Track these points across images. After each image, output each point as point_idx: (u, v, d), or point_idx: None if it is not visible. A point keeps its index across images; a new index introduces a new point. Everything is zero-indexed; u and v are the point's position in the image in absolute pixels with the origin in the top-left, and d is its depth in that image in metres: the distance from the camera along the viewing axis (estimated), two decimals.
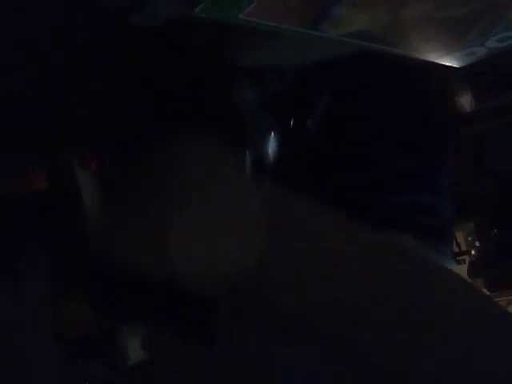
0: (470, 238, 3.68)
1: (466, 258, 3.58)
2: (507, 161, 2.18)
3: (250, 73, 0.76)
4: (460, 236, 3.77)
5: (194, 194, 0.53)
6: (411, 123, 0.72)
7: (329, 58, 0.57)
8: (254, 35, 0.61)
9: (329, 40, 0.55)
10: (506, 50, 0.56)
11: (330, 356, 0.53)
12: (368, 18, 0.44)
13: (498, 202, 2.21)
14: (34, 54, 0.57)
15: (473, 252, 3.50)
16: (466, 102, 2.38)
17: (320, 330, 0.53)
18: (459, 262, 3.67)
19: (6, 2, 0.50)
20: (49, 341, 1.25)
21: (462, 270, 4.22)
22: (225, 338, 0.55)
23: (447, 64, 0.58)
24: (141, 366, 1.17)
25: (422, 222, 0.68)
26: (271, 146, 0.61)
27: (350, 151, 0.69)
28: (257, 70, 0.74)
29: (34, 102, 0.62)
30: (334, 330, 0.51)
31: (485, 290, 2.43)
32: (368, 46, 0.52)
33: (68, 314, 1.28)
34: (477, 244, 2.96)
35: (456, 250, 3.56)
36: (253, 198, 0.54)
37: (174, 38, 0.63)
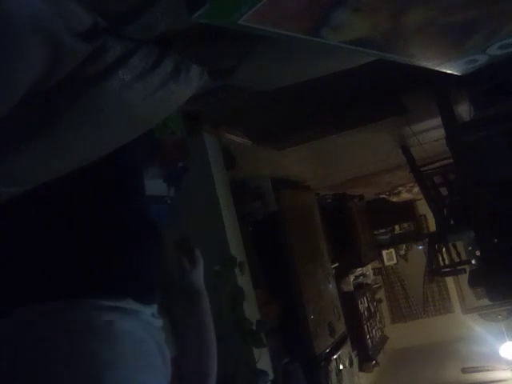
0: (470, 248, 3.68)
1: (467, 267, 3.57)
2: (507, 170, 2.18)
3: None
4: (460, 245, 3.77)
5: None
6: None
7: None
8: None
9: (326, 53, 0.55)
10: (504, 59, 0.56)
11: None
12: (369, 25, 0.44)
13: (499, 211, 2.20)
14: None
15: (473, 261, 3.49)
16: (465, 110, 2.38)
17: None
18: (460, 272, 3.67)
19: None
20: None
21: (463, 279, 4.21)
22: None
23: (448, 71, 0.57)
24: None
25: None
26: None
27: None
28: None
29: None
30: None
31: (486, 299, 2.42)
32: (368, 53, 0.51)
33: None
34: (477, 253, 2.95)
35: (457, 259, 3.56)
36: None
37: None
